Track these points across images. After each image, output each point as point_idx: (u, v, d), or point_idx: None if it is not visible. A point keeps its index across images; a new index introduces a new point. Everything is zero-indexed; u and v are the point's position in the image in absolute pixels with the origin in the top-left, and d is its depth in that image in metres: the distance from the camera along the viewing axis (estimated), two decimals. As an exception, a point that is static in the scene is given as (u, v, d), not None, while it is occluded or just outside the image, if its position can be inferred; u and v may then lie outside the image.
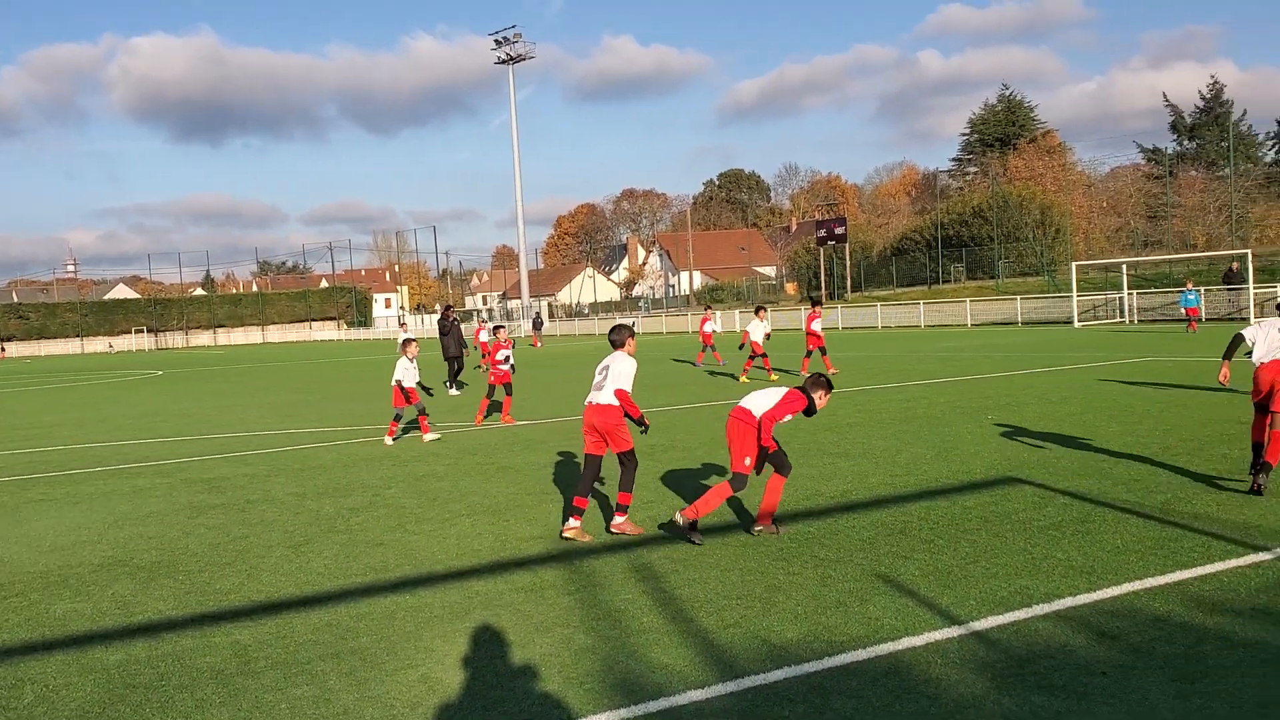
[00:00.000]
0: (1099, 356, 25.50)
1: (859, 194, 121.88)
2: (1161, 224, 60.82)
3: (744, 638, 5.82)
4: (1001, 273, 60.90)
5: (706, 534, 8.35)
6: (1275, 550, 6.90)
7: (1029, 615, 5.90)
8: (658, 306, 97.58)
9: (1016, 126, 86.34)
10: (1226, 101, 76.61)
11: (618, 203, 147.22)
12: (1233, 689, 4.72)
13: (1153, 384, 18.04)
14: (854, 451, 12.19)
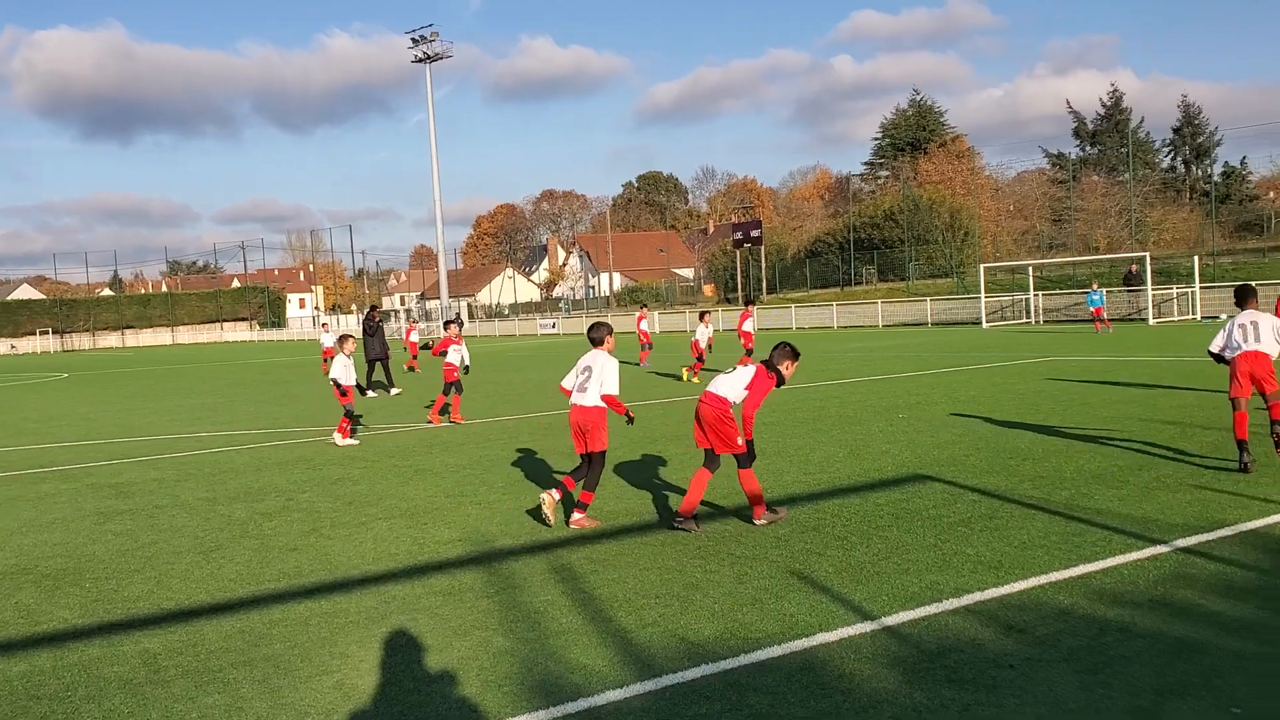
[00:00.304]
0: (1006, 356, 26.17)
1: (774, 197, 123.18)
2: (1065, 227, 62.62)
3: (662, 636, 5.86)
4: (912, 275, 62.11)
5: (626, 533, 8.39)
6: (1172, 543, 7.16)
7: (939, 610, 6.05)
8: (578, 307, 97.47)
9: (927, 131, 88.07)
10: (1126, 109, 79.25)
11: (537, 203, 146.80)
12: (1133, 678, 4.90)
13: (1057, 383, 18.58)
14: (769, 450, 12.34)
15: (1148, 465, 10.07)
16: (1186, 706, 4.53)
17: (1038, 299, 47.85)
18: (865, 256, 67.57)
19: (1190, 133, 77.05)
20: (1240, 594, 6.01)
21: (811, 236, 78.10)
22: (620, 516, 9.15)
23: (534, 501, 10.03)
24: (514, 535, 8.66)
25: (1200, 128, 77.07)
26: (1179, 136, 77.58)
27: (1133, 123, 77.66)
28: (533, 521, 9.12)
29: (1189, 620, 5.62)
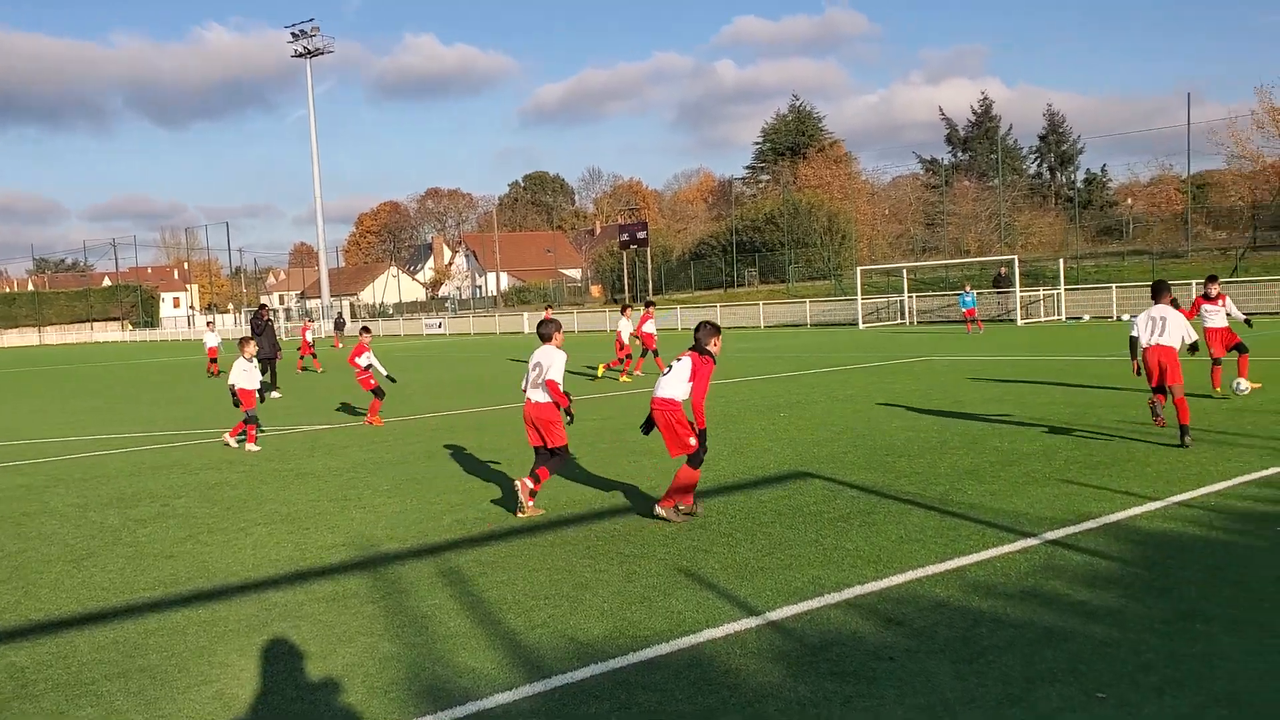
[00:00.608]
0: (882, 356, 26.87)
1: (659, 199, 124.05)
2: (938, 231, 64.61)
3: (551, 637, 5.87)
4: (792, 277, 63.25)
5: (510, 535, 8.37)
6: (1041, 536, 7.48)
7: (822, 604, 6.20)
8: (465, 307, 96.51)
9: (806, 136, 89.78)
10: (995, 117, 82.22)
11: (422, 201, 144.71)
12: (1005, 667, 5.10)
13: (931, 382, 19.16)
14: (656, 450, 12.41)
15: (1018, 461, 10.48)
16: (1055, 693, 4.75)
17: (912, 300, 49.29)
18: (747, 259, 68.56)
19: (1055, 141, 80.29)
20: (1104, 583, 6.31)
21: (696, 239, 78.90)
22: (509, 518, 9.12)
23: (421, 504, 9.93)
24: (400, 539, 8.55)
25: (1064, 136, 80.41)
26: (1045, 144, 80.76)
27: (1002, 130, 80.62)
28: (418, 525, 9.03)
29: (1057, 610, 5.88)
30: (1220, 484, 8.85)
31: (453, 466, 12.11)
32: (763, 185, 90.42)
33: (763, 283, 66.57)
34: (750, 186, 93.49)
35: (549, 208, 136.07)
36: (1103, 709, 4.54)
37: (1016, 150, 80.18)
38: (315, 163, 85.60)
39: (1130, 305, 42.28)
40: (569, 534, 8.35)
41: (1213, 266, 44.34)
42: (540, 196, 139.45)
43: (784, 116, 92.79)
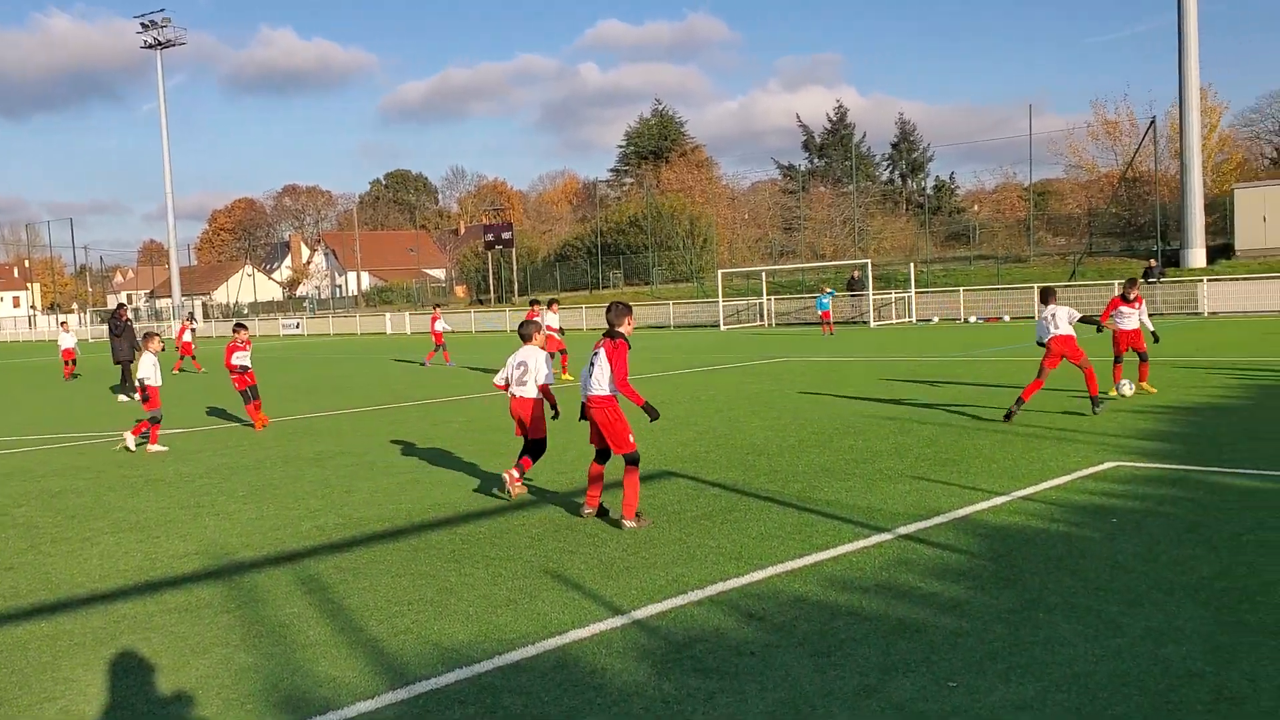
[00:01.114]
0: (743, 357, 27.37)
1: (524, 200, 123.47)
2: (795, 235, 66.09)
3: (416, 643, 5.80)
4: (656, 279, 63.84)
5: (373, 540, 8.24)
6: (894, 531, 7.74)
7: (685, 601, 6.29)
8: (324, 307, 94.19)
9: (668, 141, 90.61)
10: (850, 124, 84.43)
11: (279, 198, 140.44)
12: (861, 658, 5.27)
13: (790, 383, 19.61)
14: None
15: (871, 458, 10.82)
16: (909, 683, 4.93)
17: (771, 303, 50.36)
18: (612, 261, 68.85)
19: (906, 148, 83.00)
20: (954, 576, 6.58)
21: (561, 240, 78.80)
22: (371, 523, 8.96)
23: (278, 510, 9.67)
24: (256, 546, 8.31)
25: (915, 144, 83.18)
26: (897, 152, 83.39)
27: (856, 138, 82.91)
28: (276, 532, 8.79)
29: (910, 602, 6.10)
30: (1060, 478, 9.32)
31: (312, 471, 11.83)
32: (626, 188, 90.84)
33: (627, 285, 66.93)
34: (614, 189, 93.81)
35: (411, 207, 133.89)
36: (954, 697, 4.73)
37: (870, 157, 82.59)
38: (166, 158, 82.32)
39: (977, 308, 44.11)
40: (434, 538, 8.25)
41: (1053, 271, 46.62)
42: (402, 195, 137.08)
43: (647, 120, 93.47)
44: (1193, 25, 42.03)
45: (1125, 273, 43.26)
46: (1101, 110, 58.74)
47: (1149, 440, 11.10)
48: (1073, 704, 4.57)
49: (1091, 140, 58.53)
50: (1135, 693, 4.65)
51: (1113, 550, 6.93)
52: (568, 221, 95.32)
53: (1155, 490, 8.70)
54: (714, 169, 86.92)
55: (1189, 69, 42.15)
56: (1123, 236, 51.18)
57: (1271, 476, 8.97)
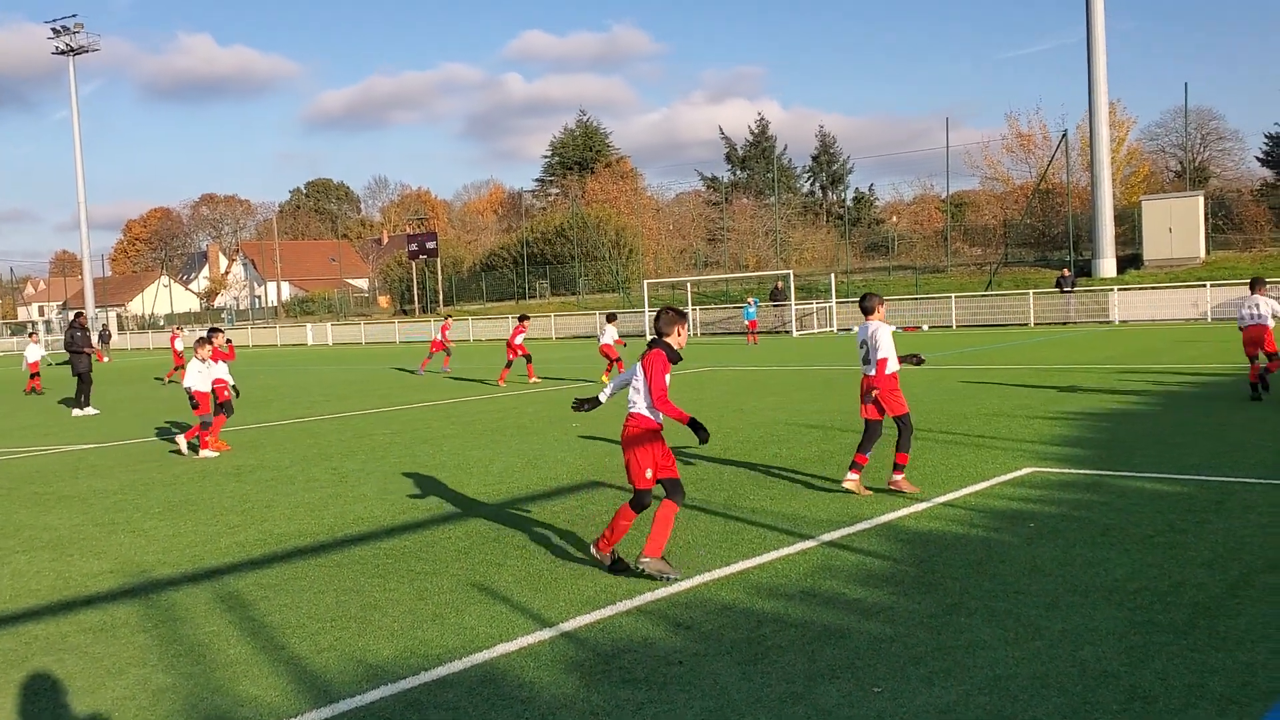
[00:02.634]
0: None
1: (449, 209, 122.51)
2: (719, 246, 66.55)
3: (340, 660, 5.71)
4: (582, 289, 63.83)
5: (294, 556, 8.10)
6: (818, 538, 7.83)
7: (613, 612, 6.28)
8: (243, 318, 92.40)
9: (593, 151, 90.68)
10: (771, 137, 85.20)
11: (196, 208, 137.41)
12: (787, 665, 5.32)
13: (715, 392, 19.74)
14: (449, 463, 12.29)
15: (796, 466, 10.93)
16: (835, 689, 4.98)
17: (696, 313, 50.65)
18: (539, 271, 68.68)
19: (827, 161, 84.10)
20: (877, 582, 6.68)
21: (487, 250, 78.31)
22: (292, 538, 8.80)
23: (195, 527, 9.46)
24: (173, 563, 8.11)
25: (835, 156, 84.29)
26: (817, 164, 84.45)
27: (778, 150, 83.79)
28: (194, 548, 8.59)
29: (835, 608, 6.18)
30: (979, 484, 9.51)
31: (231, 486, 11.59)
32: (552, 198, 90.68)
33: (554, 294, 66.82)
34: (540, 199, 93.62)
35: (333, 216, 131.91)
36: (879, 702, 4.80)
37: (791, 169, 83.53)
38: (79, 166, 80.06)
39: (896, 318, 44.83)
40: (357, 553, 8.14)
41: (970, 281, 47.62)
42: (324, 204, 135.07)
43: (571, 131, 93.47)
44: (1101, 42, 43.34)
45: (1039, 282, 44.42)
46: (1015, 123, 60.35)
47: (1064, 446, 11.39)
48: (994, 706, 4.66)
49: (1006, 153, 59.99)
50: (1054, 694, 4.76)
51: (1030, 554, 7.09)
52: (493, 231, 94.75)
53: (1070, 495, 8.93)
54: (639, 180, 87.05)
55: (1098, 84, 43.43)
56: (1037, 247, 52.44)
57: (1180, 480, 9.26)
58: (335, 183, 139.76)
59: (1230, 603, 5.87)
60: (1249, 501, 8.27)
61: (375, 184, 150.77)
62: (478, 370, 30.42)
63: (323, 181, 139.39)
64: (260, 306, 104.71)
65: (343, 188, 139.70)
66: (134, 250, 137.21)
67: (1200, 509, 8.11)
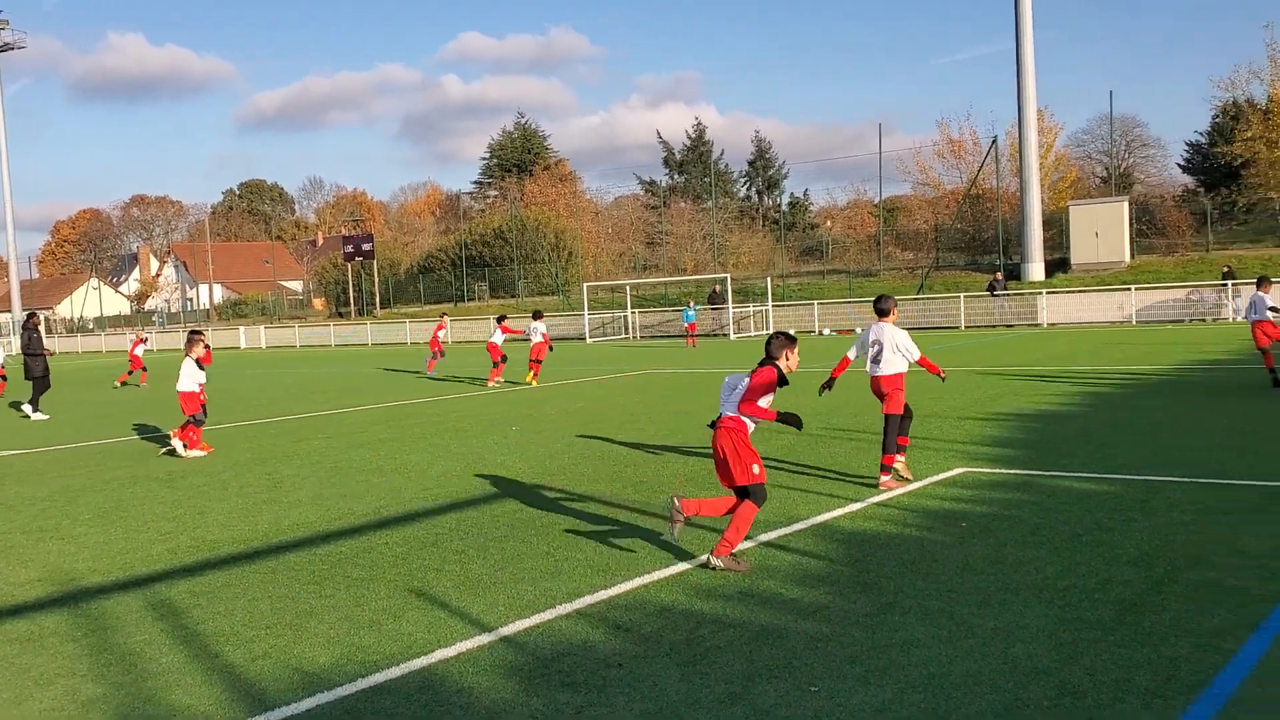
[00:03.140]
0: (609, 369, 27.51)
1: (385, 211, 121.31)
2: (658, 249, 66.82)
3: (275, 668, 5.64)
4: (521, 291, 63.62)
5: (228, 563, 7.98)
6: (756, 539, 7.89)
7: (553, 615, 6.28)
8: (174, 321, 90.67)
9: (531, 154, 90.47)
10: (709, 142, 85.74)
11: (127, 209, 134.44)
12: (726, 666, 5.36)
13: (655, 394, 19.79)
14: (386, 468, 12.19)
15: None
16: (772, 689, 5.03)
17: (635, 316, 50.78)
18: (477, 273, 68.33)
19: (762, 166, 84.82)
20: (813, 581, 6.75)
21: (424, 252, 77.71)
22: (226, 545, 8.67)
23: (127, 533, 9.27)
24: (104, 571, 7.95)
25: (771, 161, 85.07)
26: (753, 169, 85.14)
27: (714, 154, 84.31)
28: (125, 555, 8.42)
29: (772, 609, 6.24)
30: (913, 484, 9.66)
31: (163, 492, 11.38)
32: (491, 200, 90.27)
33: (493, 297, 66.52)
34: (479, 201, 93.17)
35: (267, 217, 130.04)
36: (816, 701, 4.86)
37: (728, 174, 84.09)
38: (5, 166, 78.06)
39: (830, 321, 45.34)
40: (292, 559, 8.04)
41: (902, 285, 48.30)
42: (258, 205, 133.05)
43: (510, 134, 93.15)
44: (1030, 51, 44.25)
45: (970, 285, 45.19)
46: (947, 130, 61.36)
47: (995, 447, 11.61)
48: (928, 705, 4.74)
49: (937, 158, 60.92)
50: (987, 691, 4.85)
51: (963, 553, 7.22)
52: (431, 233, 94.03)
53: (1002, 495, 9.11)
54: (578, 183, 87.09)
55: (1027, 91, 44.34)
56: (967, 251, 53.36)
57: (1107, 479, 9.49)
58: (269, 184, 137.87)
59: (1155, 599, 6.04)
60: (1173, 500, 8.51)
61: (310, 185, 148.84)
62: (419, 375, 30.15)
63: (257, 182, 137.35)
64: (192, 309, 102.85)
65: (277, 189, 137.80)
66: (62, 252, 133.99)
67: (1126, 508, 8.32)
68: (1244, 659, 5.06)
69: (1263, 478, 9.22)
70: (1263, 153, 47.43)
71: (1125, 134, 71.32)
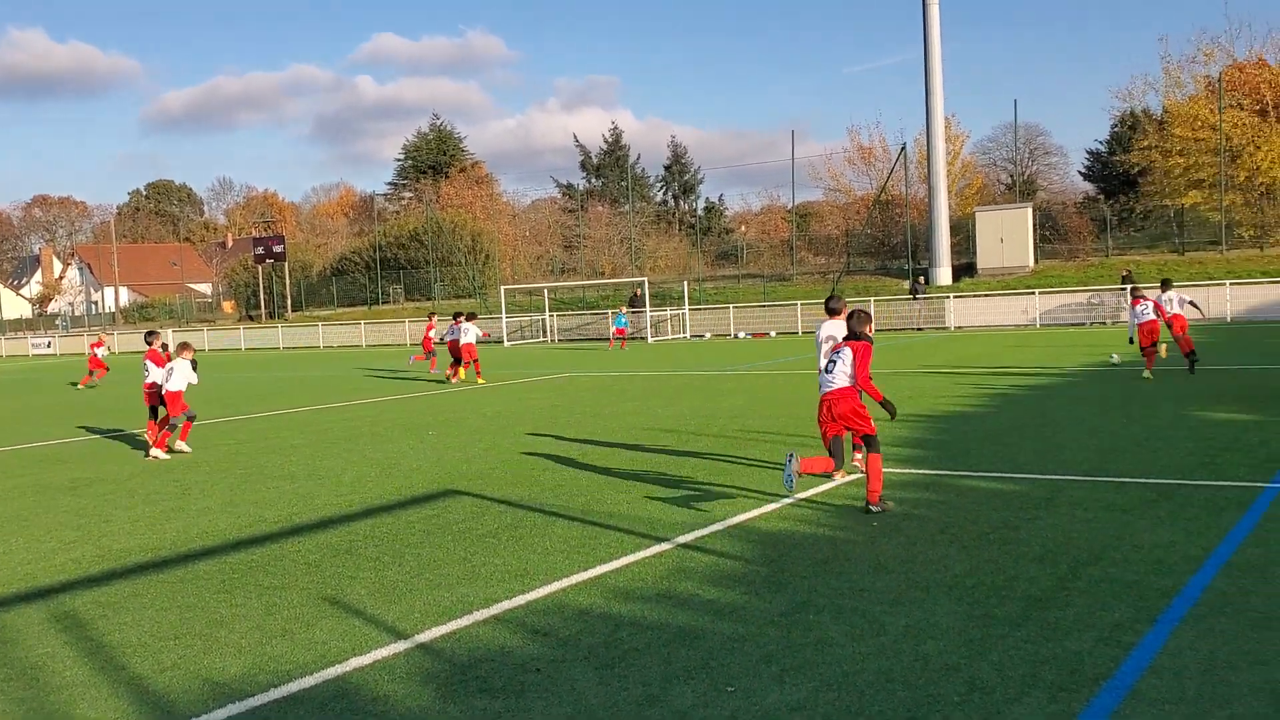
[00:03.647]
0: (528, 372, 27.42)
1: (297, 212, 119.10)
2: (576, 253, 66.75)
3: (184, 679, 5.52)
4: (438, 295, 63.02)
5: (134, 573, 7.78)
6: (673, 540, 7.95)
7: (470, 621, 6.25)
8: (78, 324, 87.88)
9: (447, 156, 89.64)
10: (625, 146, 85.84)
11: (28, 209, 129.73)
12: (644, 668, 5.39)
13: (573, 397, 19.78)
14: (299, 474, 11.99)
15: (651, 469, 11.06)
16: (690, 690, 5.08)
17: (553, 319, 50.68)
18: (392, 275, 67.51)
19: (678, 170, 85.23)
20: (730, 582, 6.83)
21: (337, 254, 76.51)
22: (133, 554, 8.44)
23: (27, 543, 8.99)
24: (4, 583, 7.69)
25: (686, 166, 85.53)
26: (669, 173, 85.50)
27: (631, 159, 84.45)
28: (26, 566, 8.15)
29: (689, 609, 6.29)
30: (826, 485, 9.81)
31: (66, 500, 11.04)
32: (406, 202, 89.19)
33: (408, 300, 65.78)
34: (393, 203, 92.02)
35: (175, 219, 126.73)
36: (732, 701, 4.91)
37: (645, 178, 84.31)
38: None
39: (746, 324, 45.80)
40: (201, 568, 7.86)
41: (815, 289, 48.99)
42: (165, 206, 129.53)
43: (425, 135, 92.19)
44: (937, 60, 45.27)
45: (881, 290, 46.03)
46: (857, 137, 62.15)
47: (905, 447, 11.85)
48: (842, 703, 4.83)
49: (848, 165, 61.87)
50: (899, 688, 4.96)
51: (874, 552, 7.36)
52: (344, 235, 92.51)
53: (911, 494, 9.30)
54: (494, 185, 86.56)
55: (935, 99, 45.34)
56: (877, 256, 54.33)
57: (1012, 478, 9.76)
58: (178, 184, 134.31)
59: (1060, 595, 6.23)
60: (1075, 498, 8.78)
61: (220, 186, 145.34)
62: (331, 380, 29.71)
63: (164, 183, 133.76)
64: (97, 312, 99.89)
65: (185, 189, 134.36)
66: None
67: (1031, 506, 8.57)
68: (1143, 651, 5.25)
69: (1157, 475, 9.57)
70: (1158, 161, 49.11)
71: (1029, 142, 73.27)
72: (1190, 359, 18.29)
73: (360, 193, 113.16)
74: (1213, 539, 7.27)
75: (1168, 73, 51.49)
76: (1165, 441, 11.41)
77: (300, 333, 59.75)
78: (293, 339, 59.46)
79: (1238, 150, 45.26)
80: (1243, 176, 45.22)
